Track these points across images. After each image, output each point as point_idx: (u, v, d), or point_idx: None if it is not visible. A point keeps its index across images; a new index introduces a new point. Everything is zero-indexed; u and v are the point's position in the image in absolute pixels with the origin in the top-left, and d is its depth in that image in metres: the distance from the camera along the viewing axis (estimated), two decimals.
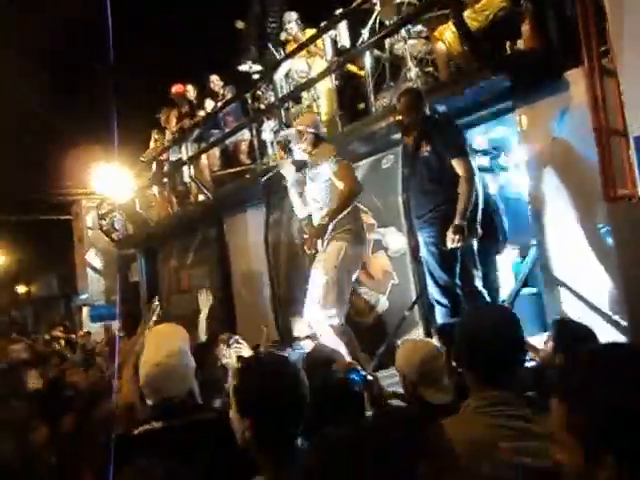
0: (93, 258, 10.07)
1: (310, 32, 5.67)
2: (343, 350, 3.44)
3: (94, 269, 10.07)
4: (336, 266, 3.54)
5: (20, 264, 18.77)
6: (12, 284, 20.91)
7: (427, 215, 3.67)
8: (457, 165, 3.56)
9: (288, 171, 3.83)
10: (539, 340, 4.03)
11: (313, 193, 3.77)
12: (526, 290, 4.65)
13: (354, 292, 3.66)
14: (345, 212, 3.58)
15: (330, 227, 3.55)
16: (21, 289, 21.65)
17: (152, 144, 8.05)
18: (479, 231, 3.94)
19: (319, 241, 3.53)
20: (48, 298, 19.57)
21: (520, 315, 4.00)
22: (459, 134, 3.66)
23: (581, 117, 3.57)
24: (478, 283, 3.79)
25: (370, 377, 2.34)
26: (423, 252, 3.80)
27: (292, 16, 5.98)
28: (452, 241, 3.49)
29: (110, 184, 8.16)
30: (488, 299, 3.77)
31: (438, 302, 3.68)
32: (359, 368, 2.40)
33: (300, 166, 3.94)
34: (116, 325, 8.60)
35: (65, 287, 16.78)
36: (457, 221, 3.49)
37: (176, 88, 7.51)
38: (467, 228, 3.69)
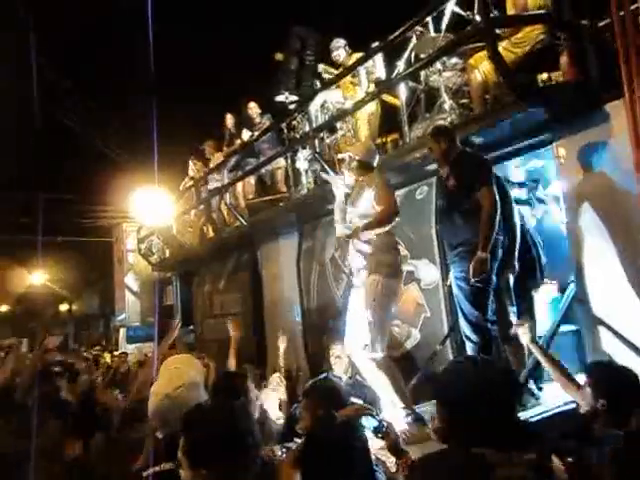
0: (131, 280, 10.32)
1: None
2: (388, 386, 3.39)
3: (132, 291, 10.30)
4: (375, 299, 3.51)
5: (63, 283, 19.40)
6: (55, 302, 21.62)
7: (457, 249, 3.60)
8: (480, 197, 3.50)
9: (338, 188, 3.86)
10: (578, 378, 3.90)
11: (352, 216, 3.77)
12: (565, 327, 4.47)
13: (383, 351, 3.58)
14: (382, 243, 3.56)
15: (366, 250, 3.55)
16: (63, 307, 22.34)
17: (190, 172, 8.25)
18: (516, 266, 3.83)
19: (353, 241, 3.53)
20: (88, 317, 20.12)
21: (559, 353, 3.91)
22: (483, 166, 3.60)
23: (622, 150, 3.47)
24: (513, 319, 3.67)
25: (385, 423, 2.23)
26: (453, 287, 3.72)
27: (340, 42, 6.05)
28: (474, 274, 3.41)
29: (149, 209, 8.37)
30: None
31: (468, 338, 3.58)
32: (373, 413, 2.27)
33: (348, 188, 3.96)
34: (150, 347, 8.70)
35: (105, 307, 17.22)
36: (478, 253, 3.41)
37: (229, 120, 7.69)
38: (504, 262, 3.60)
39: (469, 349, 3.64)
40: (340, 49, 5.93)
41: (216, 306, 7.75)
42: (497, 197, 3.52)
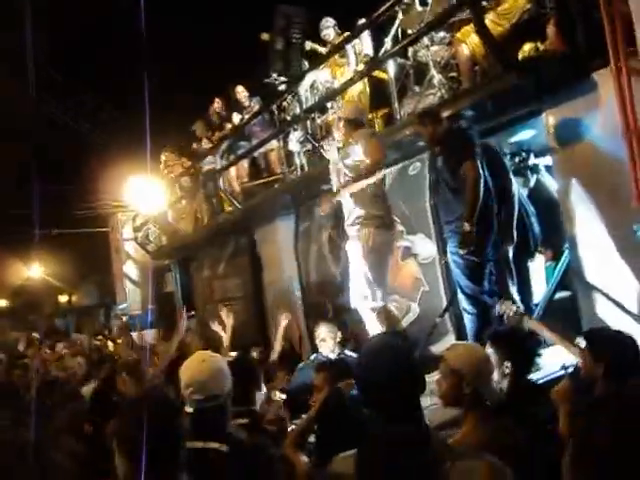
0: (130, 269, 10.35)
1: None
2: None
3: (131, 280, 10.34)
4: (369, 251, 3.64)
5: (61, 275, 19.40)
6: (55, 294, 21.64)
7: (451, 225, 3.67)
8: (464, 171, 3.56)
9: (331, 152, 3.96)
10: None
11: (346, 170, 3.85)
12: (560, 294, 4.57)
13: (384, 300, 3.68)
14: (372, 195, 3.66)
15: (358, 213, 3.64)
16: (63, 298, 22.37)
17: (161, 166, 8.18)
18: (515, 237, 3.90)
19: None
20: (89, 307, 20.17)
21: (555, 319, 4.00)
22: (466, 142, 3.66)
23: (611, 117, 3.50)
24: (512, 290, 3.76)
25: None
26: (450, 261, 3.80)
27: (330, 22, 5.99)
28: (462, 246, 3.48)
29: (142, 197, 8.38)
30: (521, 306, 3.73)
31: (465, 310, 3.67)
32: None
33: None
34: (150, 333, 8.78)
35: (104, 296, 17.26)
36: (464, 225, 3.47)
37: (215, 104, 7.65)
38: (502, 234, 3.67)
39: (467, 321, 3.74)
40: (329, 29, 5.88)
41: (216, 291, 7.82)
42: (480, 170, 3.57)
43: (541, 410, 2.53)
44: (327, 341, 3.96)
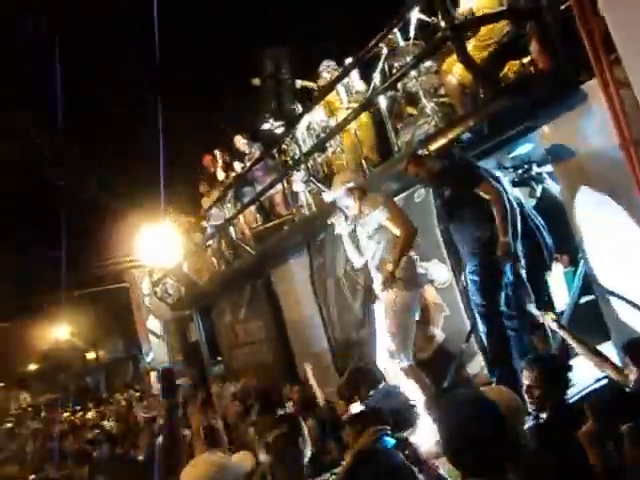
0: (153, 323, 10.46)
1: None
2: (415, 390, 3.53)
3: (154, 334, 10.44)
4: (393, 312, 3.67)
5: (87, 334, 19.60)
6: (82, 353, 21.82)
7: (469, 248, 3.73)
8: (484, 193, 3.63)
9: (341, 228, 4.02)
10: (606, 349, 3.99)
11: (364, 241, 3.93)
12: (584, 298, 4.55)
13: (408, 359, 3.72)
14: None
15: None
16: (90, 355, 22.54)
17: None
18: (520, 255, 3.93)
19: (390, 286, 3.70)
20: (116, 361, 20.28)
21: (581, 324, 4.00)
22: (469, 170, 3.76)
23: (604, 125, 3.54)
24: (533, 309, 3.77)
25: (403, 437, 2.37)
26: (468, 283, 3.84)
27: (330, 64, 6.10)
28: (502, 259, 3.52)
29: (155, 252, 8.51)
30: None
31: (483, 332, 3.72)
32: (388, 432, 2.40)
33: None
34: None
35: (131, 349, 17.38)
36: (502, 239, 3.53)
37: (205, 160, 7.85)
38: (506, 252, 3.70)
39: (486, 342, 3.76)
40: (329, 69, 6.00)
41: (240, 335, 7.88)
42: (498, 187, 3.66)
43: None
44: None
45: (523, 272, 3.80)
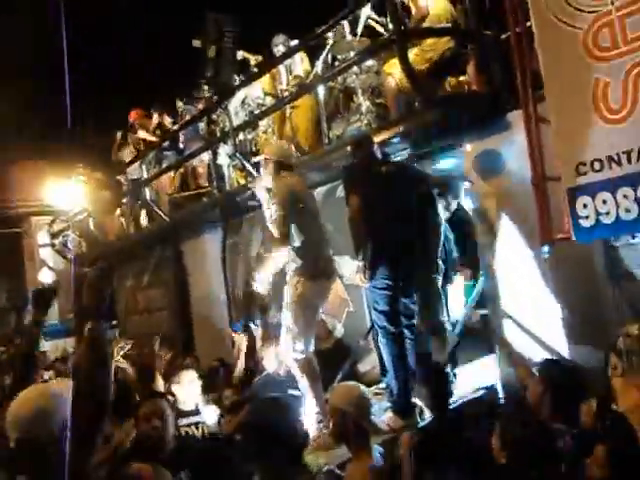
0: (45, 276, 9.80)
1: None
2: (307, 387, 3.56)
3: None
4: (295, 302, 3.65)
5: None
6: None
7: None
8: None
9: (259, 192, 3.94)
10: (487, 361, 4.29)
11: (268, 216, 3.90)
12: (478, 312, 4.85)
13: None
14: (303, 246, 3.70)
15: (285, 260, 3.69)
16: None
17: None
18: (441, 267, 4.11)
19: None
20: None
21: (471, 335, 4.24)
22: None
23: (523, 154, 3.76)
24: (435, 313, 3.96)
25: None
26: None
27: (280, 39, 5.90)
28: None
29: (61, 202, 8.00)
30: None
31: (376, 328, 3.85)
32: None
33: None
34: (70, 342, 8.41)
35: (16, 300, 16.21)
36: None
37: (132, 115, 7.46)
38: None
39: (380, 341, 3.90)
40: (279, 45, 5.83)
41: (140, 302, 7.61)
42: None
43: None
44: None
45: (438, 280, 3.95)
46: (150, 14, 9.23)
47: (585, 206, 3.03)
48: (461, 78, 4.41)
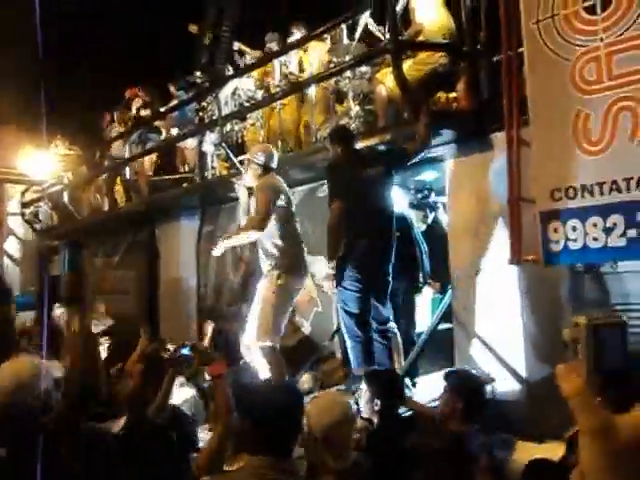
0: (11, 245, 9.57)
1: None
2: (269, 373, 3.61)
3: (10, 257, 9.57)
4: (273, 292, 3.71)
5: None
6: None
7: None
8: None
9: (241, 193, 3.98)
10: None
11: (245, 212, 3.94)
12: (442, 325, 4.93)
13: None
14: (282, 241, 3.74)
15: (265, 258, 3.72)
16: None
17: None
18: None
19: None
20: None
21: (434, 347, 4.31)
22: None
23: (502, 175, 3.86)
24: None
25: None
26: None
27: (275, 36, 5.94)
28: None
29: (40, 170, 7.84)
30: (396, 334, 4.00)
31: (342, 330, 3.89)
32: None
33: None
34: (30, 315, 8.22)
35: None
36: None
37: (128, 92, 7.37)
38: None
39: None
40: (273, 42, 5.85)
41: (109, 282, 7.51)
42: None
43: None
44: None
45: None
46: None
47: (556, 230, 3.13)
48: (451, 94, 4.51)
